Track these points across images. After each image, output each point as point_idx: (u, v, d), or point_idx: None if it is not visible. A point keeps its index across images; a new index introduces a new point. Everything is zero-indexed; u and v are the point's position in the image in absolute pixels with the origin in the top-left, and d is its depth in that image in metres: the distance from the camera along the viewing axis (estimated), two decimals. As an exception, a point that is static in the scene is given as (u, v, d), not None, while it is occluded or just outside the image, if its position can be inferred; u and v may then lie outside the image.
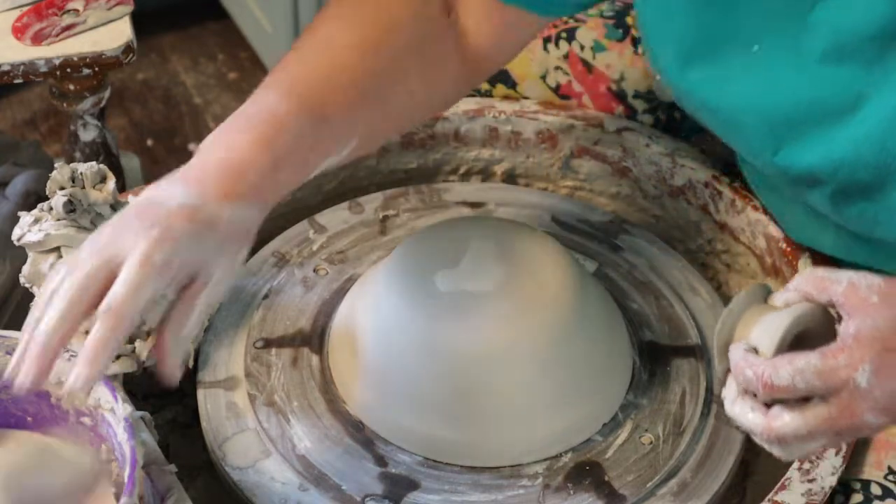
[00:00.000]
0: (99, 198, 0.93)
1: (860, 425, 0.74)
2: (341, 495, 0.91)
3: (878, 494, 0.89)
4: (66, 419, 0.88)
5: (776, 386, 0.73)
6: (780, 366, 0.73)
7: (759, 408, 0.76)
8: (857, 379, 0.72)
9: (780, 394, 0.74)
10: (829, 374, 0.72)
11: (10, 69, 1.28)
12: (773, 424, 0.75)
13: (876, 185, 0.85)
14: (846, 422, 0.73)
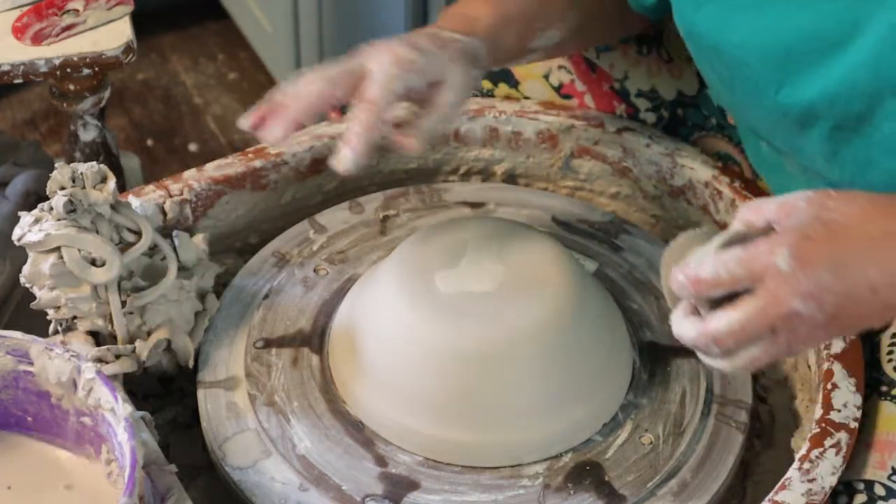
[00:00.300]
0: (99, 198, 0.93)
1: (792, 316, 0.75)
2: (341, 495, 0.91)
3: (881, 495, 0.89)
4: (66, 419, 0.88)
5: (701, 278, 0.76)
6: (705, 261, 0.77)
7: (698, 319, 0.79)
8: (777, 263, 0.74)
9: (707, 288, 0.76)
10: (750, 261, 0.75)
11: (10, 69, 1.28)
12: (708, 326, 0.77)
13: (868, 116, 0.86)
14: (775, 311, 0.75)
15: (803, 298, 0.75)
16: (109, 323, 0.96)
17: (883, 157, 0.89)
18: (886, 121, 0.86)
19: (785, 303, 0.75)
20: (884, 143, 0.87)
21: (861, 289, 0.76)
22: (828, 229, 0.77)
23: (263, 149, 1.13)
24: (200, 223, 1.10)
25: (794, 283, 0.75)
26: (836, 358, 0.96)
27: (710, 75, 1.00)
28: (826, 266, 0.75)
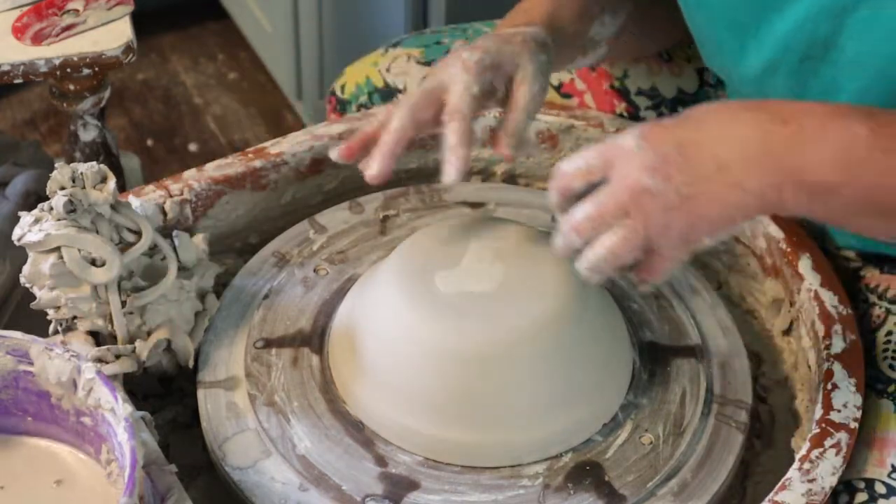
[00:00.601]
0: (99, 198, 0.93)
1: (640, 192, 0.78)
2: (341, 495, 0.91)
3: (882, 493, 0.89)
4: (66, 419, 0.88)
5: (565, 172, 0.83)
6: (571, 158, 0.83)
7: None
8: (627, 144, 0.79)
9: (569, 179, 0.82)
10: (605, 150, 0.81)
11: (10, 69, 1.28)
12: (571, 218, 0.82)
13: (834, 39, 0.87)
14: (625, 188, 0.79)
15: (650, 172, 0.78)
16: (109, 323, 0.96)
17: (848, 80, 0.88)
18: (851, 40, 0.86)
19: (632, 177, 0.78)
20: (848, 65, 0.88)
21: (708, 166, 0.77)
22: (678, 117, 0.80)
23: (263, 149, 1.14)
24: (200, 223, 1.10)
25: (640, 159, 0.78)
26: (836, 358, 0.96)
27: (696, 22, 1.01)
28: (673, 144, 0.78)
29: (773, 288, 1.09)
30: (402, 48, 1.26)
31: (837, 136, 0.77)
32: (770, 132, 0.77)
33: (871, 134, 0.77)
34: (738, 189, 0.78)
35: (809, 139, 0.77)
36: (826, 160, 0.77)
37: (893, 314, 1.01)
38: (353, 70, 1.28)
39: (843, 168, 0.77)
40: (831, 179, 0.77)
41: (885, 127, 0.77)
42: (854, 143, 0.76)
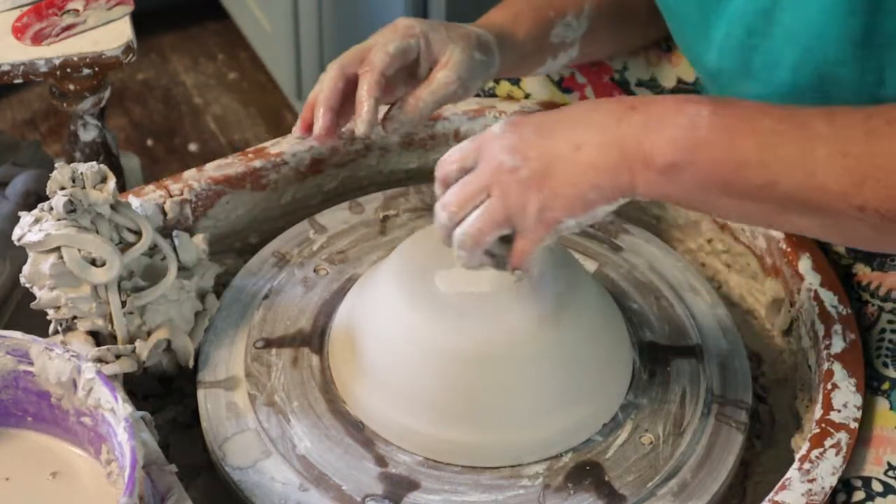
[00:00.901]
0: (99, 198, 0.93)
1: (499, 169, 0.84)
2: (341, 495, 0.91)
3: (879, 491, 0.90)
4: (66, 419, 0.88)
5: (445, 160, 0.88)
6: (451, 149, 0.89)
7: None
8: (493, 129, 0.86)
9: (447, 165, 0.87)
10: (477, 137, 0.87)
11: (10, 69, 1.28)
12: (441, 199, 0.87)
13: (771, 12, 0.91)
14: (488, 169, 0.84)
15: (509, 152, 0.84)
16: (109, 323, 0.96)
17: (785, 54, 0.91)
18: (785, 12, 0.90)
19: (494, 158, 0.84)
20: (785, 38, 0.91)
21: (564, 146, 0.83)
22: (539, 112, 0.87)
23: (263, 149, 1.14)
24: (200, 223, 1.10)
25: (500, 140, 0.84)
26: (836, 358, 0.96)
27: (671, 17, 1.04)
28: (532, 128, 0.84)
29: (773, 288, 1.09)
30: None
31: (681, 119, 0.81)
32: (622, 118, 0.82)
33: (712, 114, 0.81)
34: (591, 169, 0.82)
35: (655, 123, 0.82)
36: (669, 140, 0.81)
37: (886, 312, 1.01)
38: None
39: (686, 148, 0.81)
40: (675, 159, 0.81)
41: (726, 107, 0.82)
42: (696, 124, 0.81)
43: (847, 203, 0.79)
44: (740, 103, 0.83)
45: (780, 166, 0.80)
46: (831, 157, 0.79)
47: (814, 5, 0.88)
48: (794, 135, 0.80)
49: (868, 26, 0.87)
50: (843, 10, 0.86)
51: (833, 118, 0.80)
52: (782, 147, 0.80)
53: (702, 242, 1.16)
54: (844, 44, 0.88)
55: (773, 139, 0.80)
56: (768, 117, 0.81)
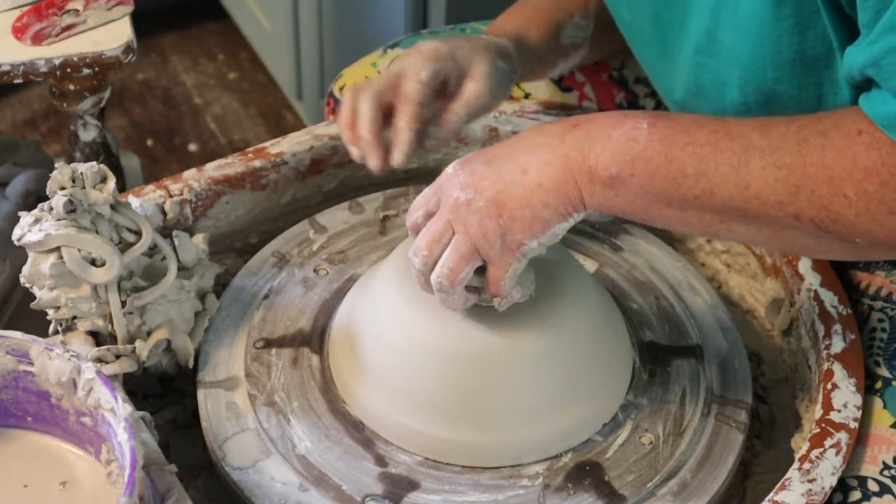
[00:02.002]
0: (99, 198, 0.93)
1: (457, 205, 0.87)
2: (341, 495, 0.91)
3: (875, 491, 0.90)
4: (66, 419, 0.88)
5: (411, 209, 0.92)
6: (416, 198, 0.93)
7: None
8: (447, 171, 0.89)
9: (413, 212, 0.91)
10: (438, 180, 0.90)
11: (10, 69, 1.28)
12: (413, 246, 0.90)
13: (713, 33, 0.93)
14: (448, 208, 0.87)
15: (462, 187, 0.87)
16: (109, 323, 0.96)
17: (731, 72, 0.93)
18: (725, 33, 0.92)
19: (448, 193, 0.88)
20: (728, 58, 0.93)
21: (512, 172, 0.86)
22: (493, 146, 0.90)
23: (263, 149, 1.14)
24: (200, 223, 1.10)
25: (455, 177, 0.88)
26: (835, 358, 0.96)
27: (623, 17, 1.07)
28: (481, 161, 0.88)
29: (773, 288, 1.09)
30: (401, 48, 1.27)
31: (620, 133, 0.85)
32: (564, 137, 0.86)
33: (651, 127, 0.84)
34: (539, 188, 0.85)
35: (596, 138, 0.85)
36: (609, 154, 0.84)
37: (877, 311, 1.01)
38: (352, 71, 1.29)
39: (626, 161, 0.84)
40: (617, 171, 0.84)
41: (663, 120, 0.84)
42: (635, 137, 0.84)
43: (783, 212, 0.82)
44: (678, 117, 0.86)
45: (716, 177, 0.83)
46: (765, 169, 0.81)
47: (747, 26, 0.90)
48: (728, 145, 0.83)
49: (798, 48, 0.89)
50: (773, 33, 0.89)
51: (767, 129, 0.83)
52: (717, 158, 0.83)
53: (702, 242, 1.16)
54: (780, 64, 0.91)
55: (708, 150, 0.83)
56: (704, 129, 0.84)
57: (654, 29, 1.02)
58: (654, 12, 1.01)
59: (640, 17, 1.04)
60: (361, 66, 1.28)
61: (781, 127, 0.83)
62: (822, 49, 0.89)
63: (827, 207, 0.81)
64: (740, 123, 0.84)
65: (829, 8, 0.86)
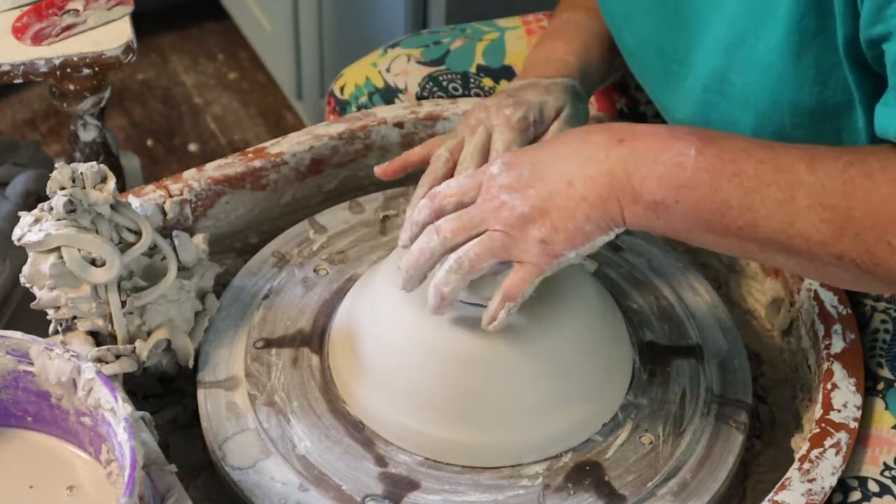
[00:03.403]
0: (99, 198, 0.93)
1: (498, 206, 0.86)
2: (341, 495, 0.91)
3: (875, 491, 0.90)
4: (66, 419, 0.88)
5: (441, 193, 0.89)
6: (447, 181, 0.90)
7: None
8: (491, 170, 0.88)
9: (442, 197, 0.89)
10: (476, 173, 0.89)
11: (10, 69, 1.28)
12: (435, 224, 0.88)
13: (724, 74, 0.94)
14: (487, 205, 0.87)
15: (508, 190, 0.86)
16: (109, 323, 0.96)
17: (742, 113, 0.93)
18: (739, 76, 0.92)
19: (494, 196, 0.86)
20: (740, 99, 0.93)
21: (557, 182, 0.85)
22: (538, 143, 0.90)
23: (263, 149, 1.14)
24: (200, 223, 1.10)
25: (499, 180, 0.87)
26: (835, 358, 0.96)
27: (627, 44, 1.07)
28: (527, 165, 0.87)
29: (773, 288, 1.09)
30: (402, 48, 1.27)
31: (668, 157, 0.83)
32: (610, 151, 0.85)
33: (698, 154, 0.83)
34: (584, 201, 0.85)
35: (642, 160, 0.84)
36: (655, 179, 0.84)
37: (879, 312, 1.01)
38: (352, 71, 1.29)
39: (672, 187, 0.83)
40: (661, 197, 0.84)
41: (712, 146, 0.83)
42: (682, 164, 0.83)
43: (826, 251, 0.82)
44: (725, 142, 0.84)
45: (762, 211, 0.82)
46: (811, 208, 0.81)
47: (765, 75, 0.90)
48: (775, 179, 0.82)
49: (819, 97, 0.89)
50: (792, 83, 0.89)
51: (814, 163, 0.82)
52: (764, 192, 0.82)
53: (702, 242, 1.16)
54: (799, 112, 0.91)
55: (755, 183, 0.82)
56: (751, 159, 0.83)
57: (659, 58, 1.02)
58: (659, 42, 1.01)
59: (644, 46, 1.04)
60: (362, 66, 1.28)
61: (828, 162, 0.82)
62: (844, 98, 0.89)
63: (870, 251, 0.80)
64: (787, 153, 0.83)
65: (853, 63, 0.86)
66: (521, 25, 1.27)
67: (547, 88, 1.04)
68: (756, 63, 0.90)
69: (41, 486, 0.88)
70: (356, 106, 1.26)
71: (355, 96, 1.26)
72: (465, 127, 1.03)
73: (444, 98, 1.23)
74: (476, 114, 1.03)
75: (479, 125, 1.01)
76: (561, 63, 1.08)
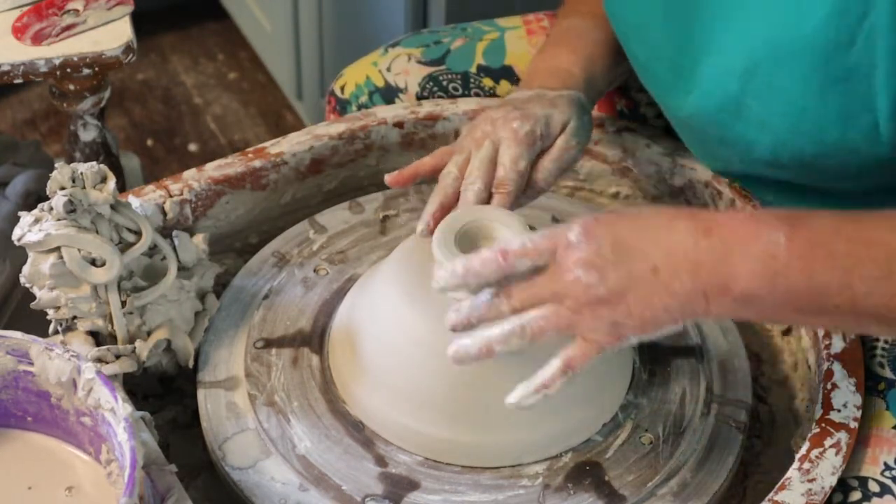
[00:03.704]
0: (99, 198, 0.93)
1: (574, 282, 0.80)
2: (341, 495, 0.91)
3: (875, 491, 0.90)
4: (66, 419, 0.88)
5: (514, 252, 0.82)
6: (512, 238, 0.84)
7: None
8: (569, 237, 0.81)
9: (515, 258, 0.82)
10: (551, 235, 0.82)
11: (10, 69, 1.28)
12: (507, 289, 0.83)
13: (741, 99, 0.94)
14: (560, 277, 0.81)
15: (585, 267, 0.80)
16: (109, 323, 0.96)
17: (762, 137, 0.93)
18: (756, 101, 0.91)
19: (568, 270, 0.81)
20: (757, 124, 0.92)
21: (642, 268, 0.80)
22: (617, 215, 0.84)
23: (263, 149, 1.14)
24: (200, 223, 1.10)
25: (577, 252, 0.81)
26: (835, 358, 0.96)
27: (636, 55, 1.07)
28: (609, 241, 0.81)
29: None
30: (402, 48, 1.27)
31: (759, 248, 0.80)
32: (698, 241, 0.81)
33: (788, 241, 0.80)
34: (666, 293, 0.81)
35: (733, 251, 0.80)
36: (749, 271, 0.80)
37: None
38: (353, 70, 1.29)
39: (764, 277, 0.80)
40: (753, 289, 0.80)
41: (801, 230, 0.81)
42: (773, 253, 0.80)
43: None
44: (812, 223, 0.82)
45: (861, 289, 0.80)
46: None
47: (786, 107, 0.90)
48: (869, 254, 0.80)
49: (842, 135, 0.88)
50: (815, 119, 0.88)
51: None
52: (861, 270, 0.80)
53: (702, 242, 1.16)
54: (821, 144, 0.90)
55: (851, 262, 0.80)
56: (840, 236, 0.80)
57: (669, 72, 1.02)
58: (670, 57, 1.01)
59: (654, 61, 1.04)
60: (362, 65, 1.28)
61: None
62: (871, 136, 0.88)
63: None
64: (875, 225, 0.81)
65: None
66: (521, 25, 1.27)
67: (552, 102, 1.03)
68: (776, 91, 0.89)
69: (40, 487, 0.88)
70: (356, 105, 1.26)
71: (356, 95, 1.26)
72: (471, 140, 1.02)
73: (444, 98, 1.23)
74: (482, 126, 1.02)
75: (486, 138, 1.01)
76: (566, 74, 1.08)
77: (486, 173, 0.99)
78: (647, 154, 1.16)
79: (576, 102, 1.04)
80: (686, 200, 1.15)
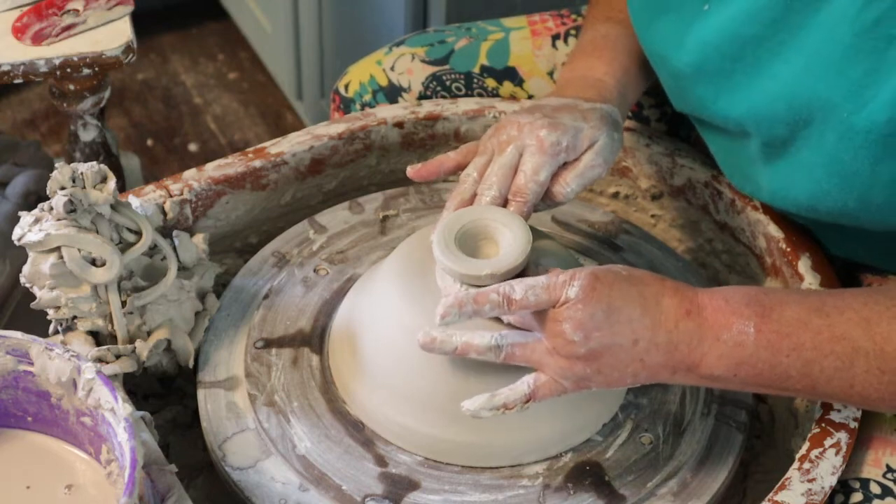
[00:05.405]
0: (99, 198, 0.93)
1: (559, 333, 0.85)
2: (341, 495, 0.91)
3: (877, 493, 0.90)
4: (66, 419, 0.88)
5: (513, 300, 0.86)
6: (515, 284, 0.86)
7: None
8: (569, 294, 0.85)
9: (518, 307, 0.86)
10: (552, 288, 0.86)
11: (10, 69, 1.28)
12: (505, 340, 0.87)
13: (790, 141, 0.93)
14: (551, 325, 0.86)
15: (574, 325, 0.85)
16: (109, 323, 0.96)
17: (803, 179, 0.94)
18: (805, 148, 0.92)
19: (559, 320, 0.85)
20: (803, 166, 0.93)
21: (623, 336, 0.85)
22: (615, 275, 0.87)
23: (263, 149, 1.14)
24: (200, 223, 1.10)
25: (572, 311, 0.85)
26: (836, 358, 0.96)
27: (666, 83, 1.06)
28: (604, 306, 0.85)
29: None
30: (406, 47, 1.27)
31: (729, 336, 0.86)
32: (678, 322, 0.86)
33: (757, 332, 0.85)
34: (639, 363, 0.86)
35: (705, 336, 0.86)
36: (717, 357, 0.86)
37: None
38: (357, 69, 1.29)
39: (731, 364, 0.86)
40: (720, 373, 0.86)
41: (770, 323, 0.85)
42: (742, 342, 0.85)
43: (884, 405, 0.87)
44: (782, 313, 0.86)
45: (821, 378, 0.86)
46: (869, 372, 0.84)
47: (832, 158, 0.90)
48: (833, 349, 0.85)
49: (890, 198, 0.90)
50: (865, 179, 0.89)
51: (870, 328, 0.85)
52: (823, 362, 0.85)
53: (702, 242, 1.16)
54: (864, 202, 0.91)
55: (814, 354, 0.85)
56: (808, 330, 0.85)
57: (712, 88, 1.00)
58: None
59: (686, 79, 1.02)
60: (366, 64, 1.28)
61: (884, 325, 0.84)
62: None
63: None
64: (843, 320, 0.85)
65: None
66: (526, 26, 1.27)
67: (584, 115, 1.01)
68: (824, 145, 0.90)
69: (39, 487, 0.88)
70: (360, 104, 1.26)
71: (359, 94, 1.26)
72: (495, 142, 1.01)
73: (446, 98, 1.23)
74: (508, 130, 1.01)
75: (510, 143, 0.99)
76: (601, 85, 1.06)
77: (505, 179, 0.98)
78: (647, 154, 1.16)
79: (608, 118, 1.02)
80: (686, 200, 1.15)
